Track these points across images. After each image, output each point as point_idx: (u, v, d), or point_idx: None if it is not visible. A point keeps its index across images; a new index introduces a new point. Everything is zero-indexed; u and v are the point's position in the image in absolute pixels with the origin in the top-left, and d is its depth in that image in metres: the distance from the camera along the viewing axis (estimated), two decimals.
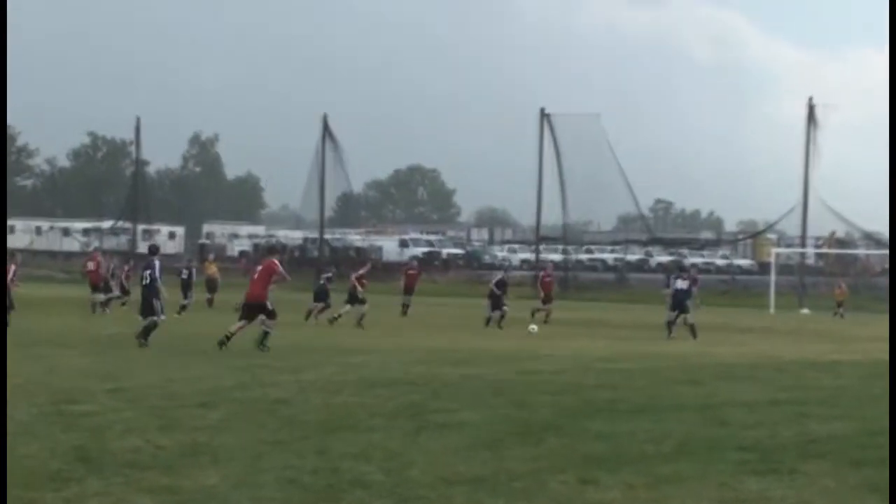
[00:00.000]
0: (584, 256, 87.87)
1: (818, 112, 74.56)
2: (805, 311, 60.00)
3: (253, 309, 25.23)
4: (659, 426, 14.06)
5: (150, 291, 26.27)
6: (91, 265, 42.01)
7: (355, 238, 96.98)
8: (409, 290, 45.15)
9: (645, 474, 10.89)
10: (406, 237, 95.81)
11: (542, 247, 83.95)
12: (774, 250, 72.12)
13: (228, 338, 24.39)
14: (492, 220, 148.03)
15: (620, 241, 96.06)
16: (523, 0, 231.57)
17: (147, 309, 26.08)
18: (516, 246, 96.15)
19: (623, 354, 26.39)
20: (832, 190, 77.27)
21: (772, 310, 59.90)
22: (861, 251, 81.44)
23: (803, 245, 76.15)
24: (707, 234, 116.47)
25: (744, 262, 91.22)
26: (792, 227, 78.72)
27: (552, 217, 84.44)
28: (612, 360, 24.83)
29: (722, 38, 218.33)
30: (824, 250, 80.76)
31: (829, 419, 15.17)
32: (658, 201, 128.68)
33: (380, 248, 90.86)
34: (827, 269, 78.55)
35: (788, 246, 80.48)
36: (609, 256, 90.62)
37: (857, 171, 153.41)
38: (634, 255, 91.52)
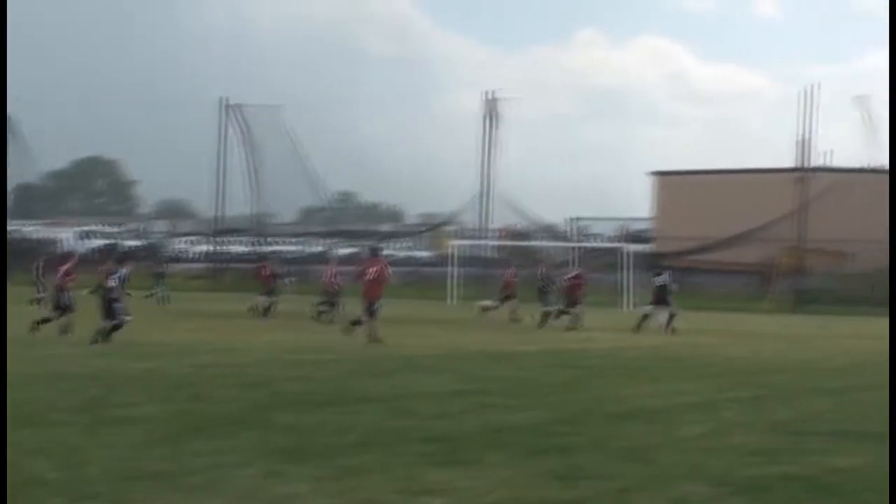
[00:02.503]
0: (266, 248, 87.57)
1: (497, 106, 76.34)
2: (485, 302, 61.26)
3: None
4: (346, 418, 14.09)
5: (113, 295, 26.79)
6: None
7: (31, 230, 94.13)
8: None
9: (331, 466, 10.86)
10: (85, 229, 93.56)
11: (225, 239, 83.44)
12: (453, 242, 73.24)
13: None
14: (174, 211, 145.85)
15: (302, 234, 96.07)
16: None
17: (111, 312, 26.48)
18: (195, 238, 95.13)
19: (313, 346, 26.42)
20: (512, 183, 79.36)
21: (453, 301, 60.96)
22: (538, 243, 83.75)
23: (482, 237, 77.86)
24: (388, 226, 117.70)
25: (424, 254, 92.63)
26: (472, 219, 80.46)
27: (236, 209, 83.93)
28: (302, 351, 24.83)
29: (400, 31, 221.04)
30: (502, 242, 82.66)
31: (512, 409, 15.50)
32: (340, 193, 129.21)
33: (58, 241, 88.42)
34: (505, 260, 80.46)
35: (468, 238, 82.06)
36: (292, 249, 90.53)
37: (536, 164, 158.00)
38: (316, 248, 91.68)
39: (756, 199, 72.50)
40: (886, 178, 73.19)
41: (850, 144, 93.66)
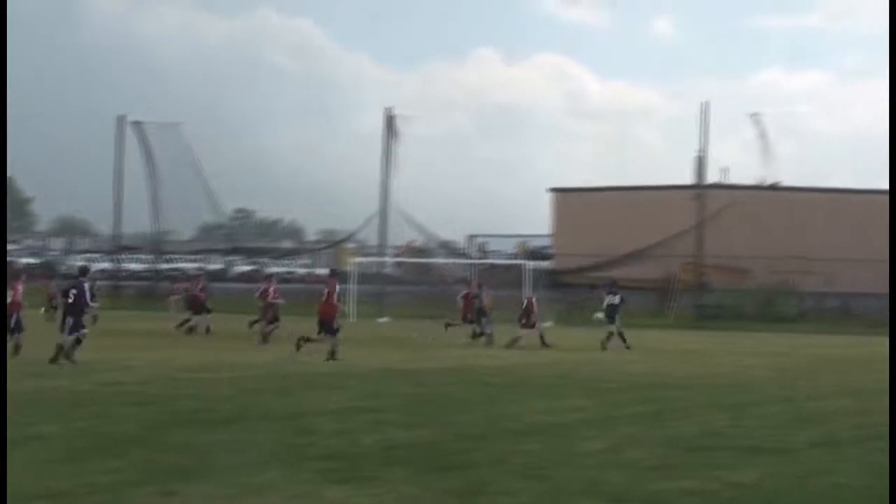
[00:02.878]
0: (164, 266, 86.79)
1: (396, 123, 76.34)
2: (384, 319, 61.14)
3: None
4: (245, 436, 14.03)
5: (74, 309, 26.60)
6: None
7: None
8: None
9: (229, 485, 10.81)
10: None
11: (123, 256, 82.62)
12: (353, 259, 73.08)
13: None
14: (71, 229, 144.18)
15: (201, 251, 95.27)
16: (92, 2, 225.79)
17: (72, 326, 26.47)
18: (92, 255, 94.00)
19: (209, 364, 26.22)
20: (411, 200, 79.34)
21: (353, 318, 60.79)
22: (438, 260, 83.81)
23: (382, 254, 77.74)
24: (288, 243, 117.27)
25: (324, 272, 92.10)
26: (372, 237, 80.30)
27: (134, 226, 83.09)
28: (198, 370, 24.62)
29: (300, 48, 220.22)
30: (401, 259, 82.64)
31: (412, 426, 15.52)
32: (239, 210, 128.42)
33: None
34: (405, 277, 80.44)
35: (368, 255, 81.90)
36: (191, 266, 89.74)
37: (435, 181, 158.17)
38: (215, 265, 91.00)
39: (654, 215, 73.14)
40: (783, 194, 74.42)
41: (747, 161, 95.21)
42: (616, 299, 37.51)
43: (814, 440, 15.08)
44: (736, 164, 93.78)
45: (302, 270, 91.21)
